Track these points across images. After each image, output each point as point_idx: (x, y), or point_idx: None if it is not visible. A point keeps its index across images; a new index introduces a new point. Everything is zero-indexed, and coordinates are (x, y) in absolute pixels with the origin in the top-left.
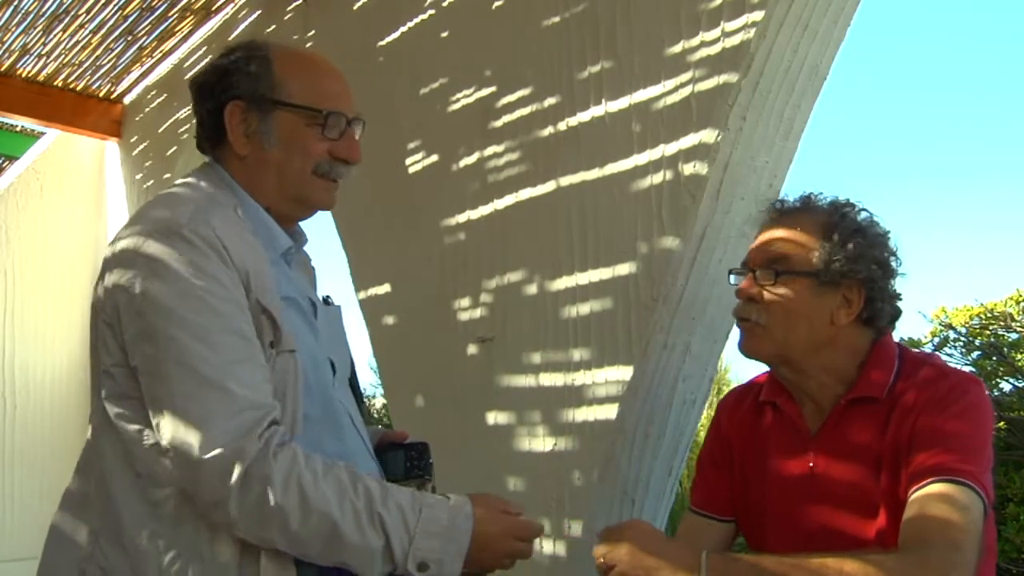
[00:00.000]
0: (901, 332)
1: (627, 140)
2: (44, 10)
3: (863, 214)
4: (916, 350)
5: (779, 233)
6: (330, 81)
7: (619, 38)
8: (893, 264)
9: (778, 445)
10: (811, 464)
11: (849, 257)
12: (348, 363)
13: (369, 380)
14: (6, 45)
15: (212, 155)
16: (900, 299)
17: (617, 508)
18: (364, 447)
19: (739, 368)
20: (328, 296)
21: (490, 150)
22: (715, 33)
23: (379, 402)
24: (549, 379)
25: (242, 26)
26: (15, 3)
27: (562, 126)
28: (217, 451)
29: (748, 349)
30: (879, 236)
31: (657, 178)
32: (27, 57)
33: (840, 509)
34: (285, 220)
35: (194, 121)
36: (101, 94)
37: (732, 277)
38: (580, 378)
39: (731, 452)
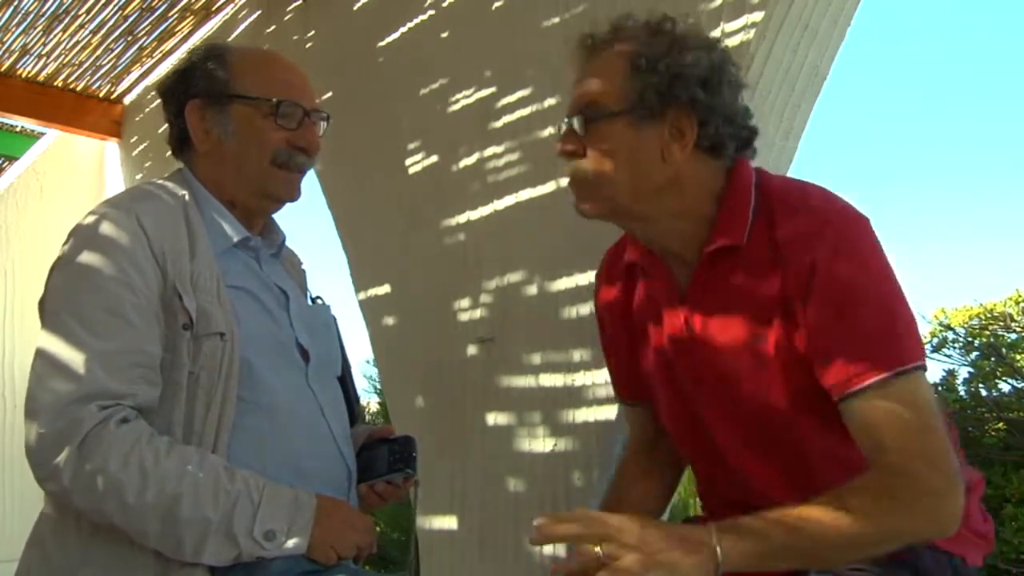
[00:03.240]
0: None
1: None
2: (44, 10)
3: (682, 27)
4: (778, 176)
5: (586, 73)
6: (283, 73)
7: None
8: (724, 77)
9: (653, 310)
10: (686, 323)
11: (662, 80)
12: (334, 359)
13: (362, 384)
14: (6, 45)
15: (181, 158)
16: (750, 116)
17: None
18: (329, 438)
19: None
20: (318, 296)
21: (490, 150)
22: (715, 33)
23: (373, 406)
24: (549, 380)
25: (242, 26)
26: (15, 3)
27: (562, 127)
28: (51, 425)
29: (582, 209)
30: (701, 48)
31: None
32: (27, 57)
33: (726, 368)
34: (254, 214)
35: None
36: (101, 94)
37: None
38: (580, 379)
39: (614, 328)
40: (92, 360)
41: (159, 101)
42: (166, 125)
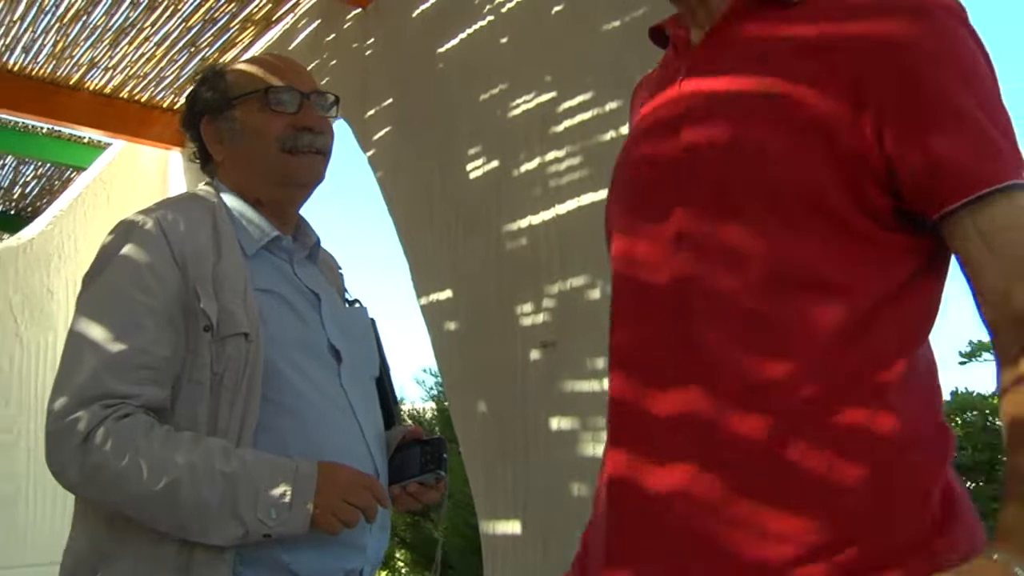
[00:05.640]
0: None
1: None
2: (111, 24)
3: None
4: None
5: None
6: (273, 64)
7: None
8: None
9: (657, 86)
10: (681, 86)
11: None
12: (369, 360)
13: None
14: (75, 59)
15: (207, 171)
16: None
17: None
18: (360, 438)
19: None
20: (356, 300)
21: (551, 155)
22: None
23: (428, 411)
24: None
25: (302, 36)
26: (84, 18)
27: (623, 131)
28: (57, 424)
29: None
30: None
31: None
32: (94, 71)
33: (711, 146)
34: (283, 206)
35: None
36: (165, 105)
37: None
38: None
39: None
40: (99, 363)
41: None
42: None
